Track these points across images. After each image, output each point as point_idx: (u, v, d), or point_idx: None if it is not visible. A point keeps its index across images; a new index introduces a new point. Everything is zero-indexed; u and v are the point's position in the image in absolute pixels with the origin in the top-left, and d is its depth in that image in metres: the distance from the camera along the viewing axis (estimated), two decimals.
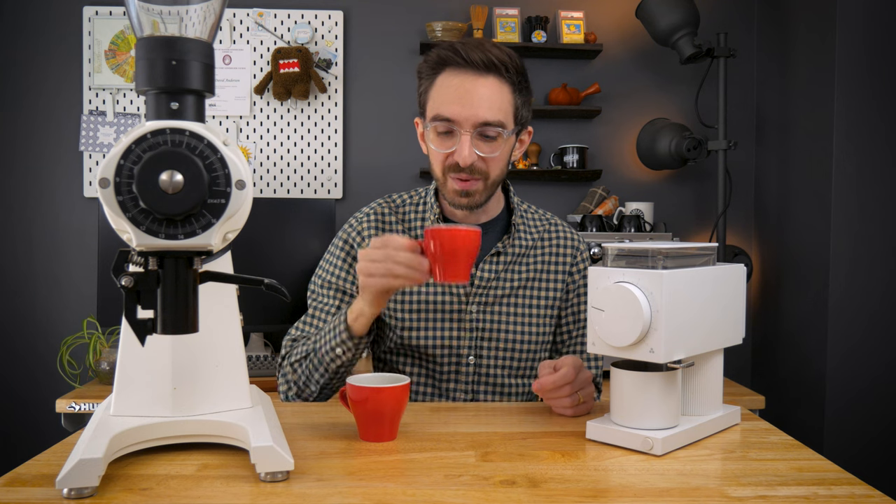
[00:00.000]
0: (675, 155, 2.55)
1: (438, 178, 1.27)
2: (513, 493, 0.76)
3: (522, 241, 1.34)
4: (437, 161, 1.25)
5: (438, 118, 1.21)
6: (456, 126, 1.20)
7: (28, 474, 0.81)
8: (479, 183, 1.24)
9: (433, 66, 1.23)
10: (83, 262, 2.66)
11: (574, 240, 1.38)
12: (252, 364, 2.32)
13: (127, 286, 0.73)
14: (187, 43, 0.76)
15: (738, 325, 1.04)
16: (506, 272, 1.31)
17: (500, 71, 1.20)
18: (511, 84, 1.23)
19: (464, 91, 1.19)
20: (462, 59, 1.19)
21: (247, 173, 0.76)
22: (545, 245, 1.36)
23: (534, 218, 1.39)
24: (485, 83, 1.20)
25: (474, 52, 1.19)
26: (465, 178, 1.23)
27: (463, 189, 1.24)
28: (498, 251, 1.31)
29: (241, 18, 2.68)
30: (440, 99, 1.21)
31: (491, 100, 1.20)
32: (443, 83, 1.21)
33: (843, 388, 2.27)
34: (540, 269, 1.34)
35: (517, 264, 1.33)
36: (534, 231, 1.37)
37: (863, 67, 2.25)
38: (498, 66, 1.20)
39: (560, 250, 1.36)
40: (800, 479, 0.81)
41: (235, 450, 0.88)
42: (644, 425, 0.91)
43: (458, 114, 1.19)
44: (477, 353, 1.29)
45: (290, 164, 2.71)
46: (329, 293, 1.32)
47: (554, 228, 1.39)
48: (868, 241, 2.26)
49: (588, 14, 2.75)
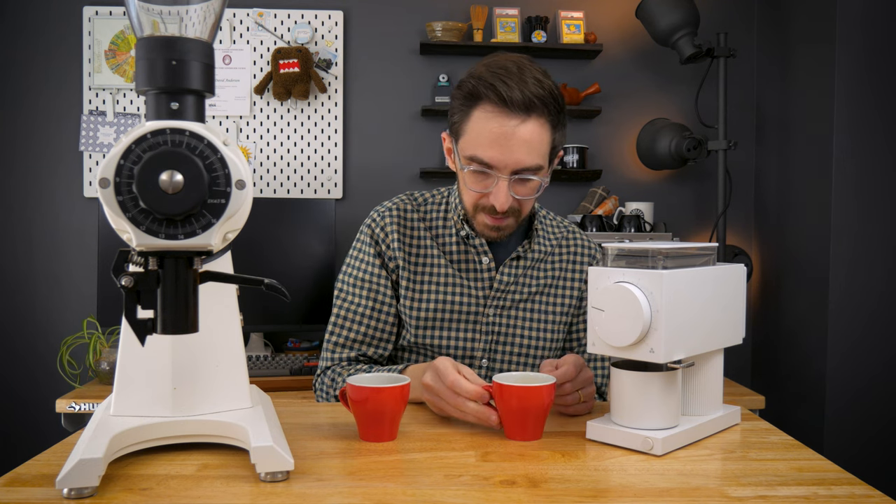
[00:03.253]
0: (675, 155, 2.55)
1: (469, 210, 1.24)
2: (513, 493, 0.76)
3: (542, 247, 1.33)
4: (470, 197, 1.22)
5: (475, 160, 1.16)
6: (493, 171, 1.16)
7: (28, 474, 0.81)
8: (510, 220, 1.22)
9: (468, 96, 1.16)
10: (83, 262, 2.66)
11: (591, 248, 1.38)
12: (252, 364, 2.32)
13: (127, 286, 0.73)
14: (187, 43, 0.76)
15: (738, 325, 1.04)
16: (524, 276, 1.31)
17: (541, 111, 1.14)
18: (550, 123, 1.16)
19: (504, 138, 1.13)
20: (501, 98, 1.12)
21: (247, 173, 0.76)
22: (563, 251, 1.36)
23: (552, 224, 1.38)
24: (524, 128, 1.13)
25: (514, 91, 1.11)
26: (500, 217, 1.20)
27: (495, 225, 1.22)
28: (518, 255, 1.30)
29: (241, 18, 2.68)
30: (477, 140, 1.15)
31: (531, 144, 1.14)
32: (480, 121, 1.15)
33: (842, 388, 2.27)
34: (557, 275, 1.33)
35: (535, 269, 1.32)
36: (552, 237, 1.36)
37: (863, 67, 2.25)
38: (539, 106, 1.13)
39: (577, 258, 1.36)
40: (800, 479, 0.81)
41: (235, 450, 0.88)
42: (644, 425, 0.91)
43: (497, 160, 1.14)
44: (490, 356, 1.29)
45: (290, 164, 2.71)
46: (362, 292, 1.29)
47: (572, 235, 1.38)
48: (868, 241, 2.26)
49: (588, 14, 2.75)
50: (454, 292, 1.28)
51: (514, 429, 0.95)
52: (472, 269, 1.29)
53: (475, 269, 1.29)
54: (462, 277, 1.29)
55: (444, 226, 1.31)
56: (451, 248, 1.30)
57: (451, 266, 1.29)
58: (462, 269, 1.29)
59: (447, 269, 1.29)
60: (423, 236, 1.30)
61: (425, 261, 1.29)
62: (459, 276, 1.29)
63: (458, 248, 1.30)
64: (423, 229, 1.31)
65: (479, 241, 1.28)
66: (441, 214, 1.33)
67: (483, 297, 1.29)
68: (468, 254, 1.29)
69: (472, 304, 1.28)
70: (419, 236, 1.30)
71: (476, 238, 1.28)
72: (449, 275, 1.29)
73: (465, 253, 1.30)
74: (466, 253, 1.30)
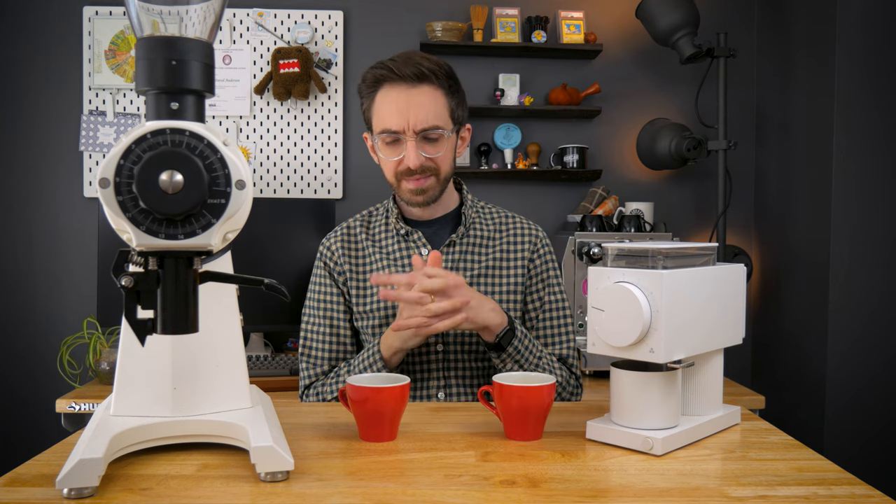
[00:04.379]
0: (675, 155, 2.55)
1: (393, 184, 1.38)
2: (513, 493, 0.76)
3: (477, 233, 1.43)
4: (390, 169, 1.36)
5: (385, 131, 1.32)
6: (401, 135, 1.31)
7: (28, 474, 0.81)
8: (430, 179, 1.34)
9: (371, 84, 1.34)
10: (83, 262, 2.66)
11: (533, 229, 1.46)
12: (252, 364, 2.32)
13: (127, 286, 0.73)
14: (187, 43, 0.76)
15: (738, 325, 1.04)
16: (463, 262, 1.39)
17: (432, 79, 1.31)
18: (443, 89, 1.33)
19: (402, 102, 1.30)
20: (395, 74, 1.30)
21: (247, 173, 0.76)
22: (502, 236, 1.44)
23: (490, 213, 1.48)
24: (420, 92, 1.31)
25: (406, 67, 1.30)
26: (418, 177, 1.33)
27: (417, 187, 1.34)
28: (452, 241, 1.40)
29: (241, 18, 2.68)
30: (383, 114, 1.32)
31: (427, 106, 1.31)
32: (383, 99, 1.32)
33: (842, 388, 2.27)
34: (499, 257, 1.41)
35: (474, 254, 1.41)
36: (489, 223, 1.45)
37: (863, 67, 2.25)
38: (428, 75, 1.31)
39: (518, 239, 1.43)
40: (800, 479, 0.81)
41: (235, 450, 0.88)
42: (644, 425, 0.91)
43: (401, 124, 1.30)
44: (444, 340, 1.36)
45: (290, 164, 2.71)
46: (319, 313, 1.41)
47: (512, 222, 1.46)
48: (868, 240, 2.26)
49: (588, 14, 2.75)
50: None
51: (514, 429, 0.95)
52: None
53: None
54: (404, 272, 1.38)
55: (386, 230, 1.44)
56: (392, 247, 1.41)
57: (393, 265, 1.39)
58: (404, 266, 1.39)
59: (387, 269, 1.39)
60: (365, 246, 1.43)
61: (367, 268, 1.41)
62: (401, 271, 1.38)
63: (399, 247, 1.41)
64: (364, 239, 1.43)
65: (417, 234, 1.40)
66: (382, 220, 1.45)
67: None
68: (409, 250, 1.40)
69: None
70: (362, 248, 1.43)
71: (414, 233, 1.40)
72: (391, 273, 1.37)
73: (407, 250, 1.40)
74: (408, 249, 1.40)
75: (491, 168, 2.69)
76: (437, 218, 1.43)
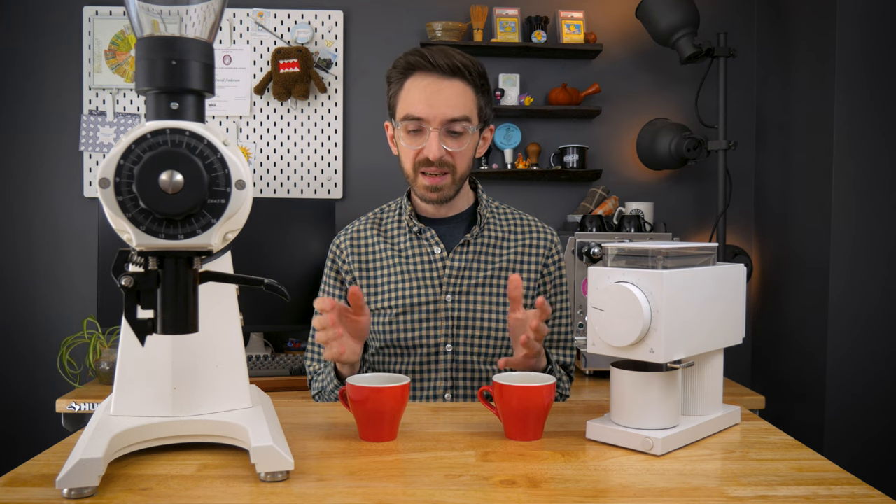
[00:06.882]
0: (675, 155, 2.55)
1: (409, 175, 1.36)
2: (513, 493, 0.76)
3: (491, 233, 1.42)
4: (408, 158, 1.34)
5: (409, 118, 1.30)
6: (425, 124, 1.30)
7: (28, 474, 0.81)
8: (447, 178, 1.33)
9: (402, 70, 1.32)
10: (83, 262, 2.66)
11: (549, 233, 1.46)
12: (252, 364, 2.32)
13: (127, 286, 0.73)
14: (187, 43, 0.76)
15: (738, 325, 1.04)
16: (477, 262, 1.39)
17: (464, 74, 1.31)
18: (474, 86, 1.33)
19: (431, 91, 1.29)
20: (429, 63, 1.29)
21: (247, 173, 0.76)
22: (518, 238, 1.43)
23: (506, 213, 1.47)
24: (450, 85, 1.30)
25: (440, 58, 1.29)
26: (435, 171, 1.32)
27: (433, 184, 1.33)
28: (467, 241, 1.39)
29: (241, 18, 2.68)
30: (410, 100, 1.31)
31: (456, 99, 1.30)
32: (412, 86, 1.31)
33: (843, 389, 2.26)
34: (513, 258, 1.41)
35: (488, 254, 1.40)
36: (504, 225, 1.45)
37: (862, 67, 2.25)
38: (462, 70, 1.30)
39: (534, 243, 1.43)
40: (800, 479, 0.81)
41: (235, 450, 0.88)
42: (644, 425, 0.91)
43: (427, 112, 1.29)
44: (454, 340, 1.36)
45: (290, 164, 2.71)
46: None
47: (528, 225, 1.46)
48: (868, 240, 2.26)
49: (588, 14, 2.75)
50: (409, 285, 1.37)
51: (514, 429, 0.95)
52: (427, 261, 1.39)
53: (429, 261, 1.38)
54: (416, 270, 1.38)
55: (399, 227, 1.43)
56: (405, 244, 1.41)
57: (405, 262, 1.39)
58: (416, 262, 1.39)
59: (400, 267, 1.39)
60: (376, 243, 1.43)
61: (378, 264, 1.41)
62: (414, 268, 1.38)
63: (411, 244, 1.40)
64: (376, 237, 1.43)
65: (430, 232, 1.39)
66: (395, 217, 1.45)
67: (439, 284, 1.37)
68: (422, 247, 1.40)
69: (429, 294, 1.37)
70: (372, 243, 1.43)
71: (427, 231, 1.39)
72: (402, 271, 1.39)
73: (419, 247, 1.40)
74: (420, 247, 1.40)
75: (491, 168, 2.69)
76: (452, 216, 1.43)
